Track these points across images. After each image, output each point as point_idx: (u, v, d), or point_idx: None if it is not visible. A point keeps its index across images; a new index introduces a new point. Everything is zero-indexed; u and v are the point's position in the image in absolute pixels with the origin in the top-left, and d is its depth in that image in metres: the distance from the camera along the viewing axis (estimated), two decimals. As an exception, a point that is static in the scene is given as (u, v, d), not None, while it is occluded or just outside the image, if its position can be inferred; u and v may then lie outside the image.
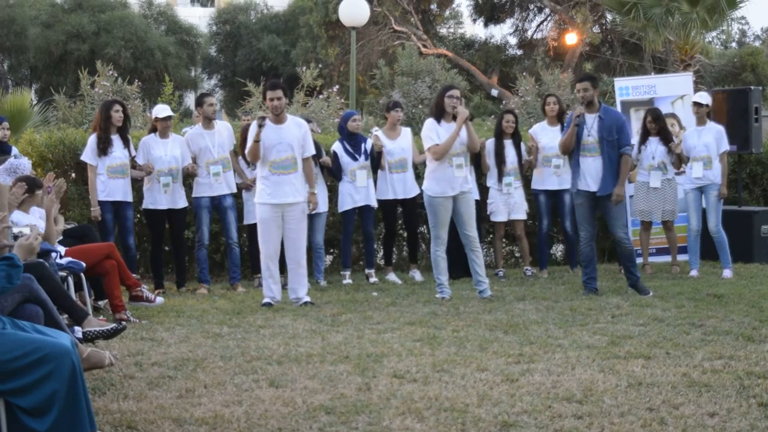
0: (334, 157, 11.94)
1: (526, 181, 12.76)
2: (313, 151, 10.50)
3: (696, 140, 12.12)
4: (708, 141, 12.08)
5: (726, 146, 12.16)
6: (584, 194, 10.61)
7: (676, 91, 13.73)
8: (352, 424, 5.55)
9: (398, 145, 12.13)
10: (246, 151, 10.29)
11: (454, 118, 10.31)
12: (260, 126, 10.02)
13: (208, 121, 11.38)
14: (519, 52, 38.35)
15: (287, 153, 10.14)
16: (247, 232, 11.91)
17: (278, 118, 10.16)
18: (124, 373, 6.85)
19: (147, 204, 11.22)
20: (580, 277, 11.00)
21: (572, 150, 10.64)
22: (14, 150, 10.88)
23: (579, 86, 10.66)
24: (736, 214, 13.38)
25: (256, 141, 10.03)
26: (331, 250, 13.02)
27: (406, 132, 12.34)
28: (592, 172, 10.54)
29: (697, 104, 12.20)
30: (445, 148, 10.20)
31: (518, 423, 5.51)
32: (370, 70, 30.42)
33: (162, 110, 11.36)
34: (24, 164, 9.78)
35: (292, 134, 10.19)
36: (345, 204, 12.03)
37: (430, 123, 10.41)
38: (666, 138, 12.15)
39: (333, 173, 11.96)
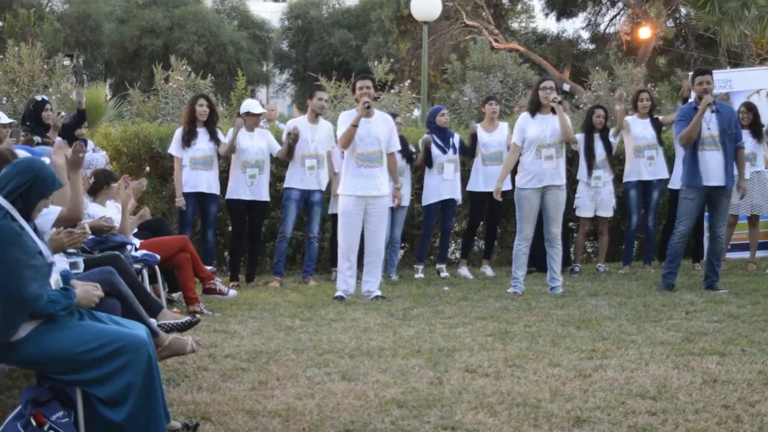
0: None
1: (617, 177, 12.62)
2: (398, 147, 10.59)
3: None
4: None
5: None
6: (700, 189, 10.40)
7: (752, 86, 13.55)
8: (424, 418, 5.55)
9: (494, 138, 12.20)
10: (340, 136, 10.26)
11: (552, 110, 10.34)
12: (368, 107, 10.09)
13: (314, 115, 11.43)
14: (591, 47, 38.04)
15: (374, 146, 10.20)
16: (333, 222, 11.91)
17: (367, 112, 10.20)
18: (197, 364, 6.92)
19: (231, 194, 11.33)
20: (653, 273, 10.87)
21: (692, 143, 10.38)
22: (90, 144, 11.03)
23: (701, 79, 10.46)
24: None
25: (354, 125, 10.06)
26: (403, 245, 13.00)
27: (503, 126, 12.38)
28: (714, 166, 10.34)
29: None
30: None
31: (591, 419, 5.47)
32: (441, 65, 30.32)
33: (255, 106, 11.53)
34: (98, 158, 9.91)
35: (379, 128, 10.25)
36: (430, 197, 12.08)
37: (521, 118, 10.56)
38: (757, 130, 11.99)
39: (426, 162, 11.99)
